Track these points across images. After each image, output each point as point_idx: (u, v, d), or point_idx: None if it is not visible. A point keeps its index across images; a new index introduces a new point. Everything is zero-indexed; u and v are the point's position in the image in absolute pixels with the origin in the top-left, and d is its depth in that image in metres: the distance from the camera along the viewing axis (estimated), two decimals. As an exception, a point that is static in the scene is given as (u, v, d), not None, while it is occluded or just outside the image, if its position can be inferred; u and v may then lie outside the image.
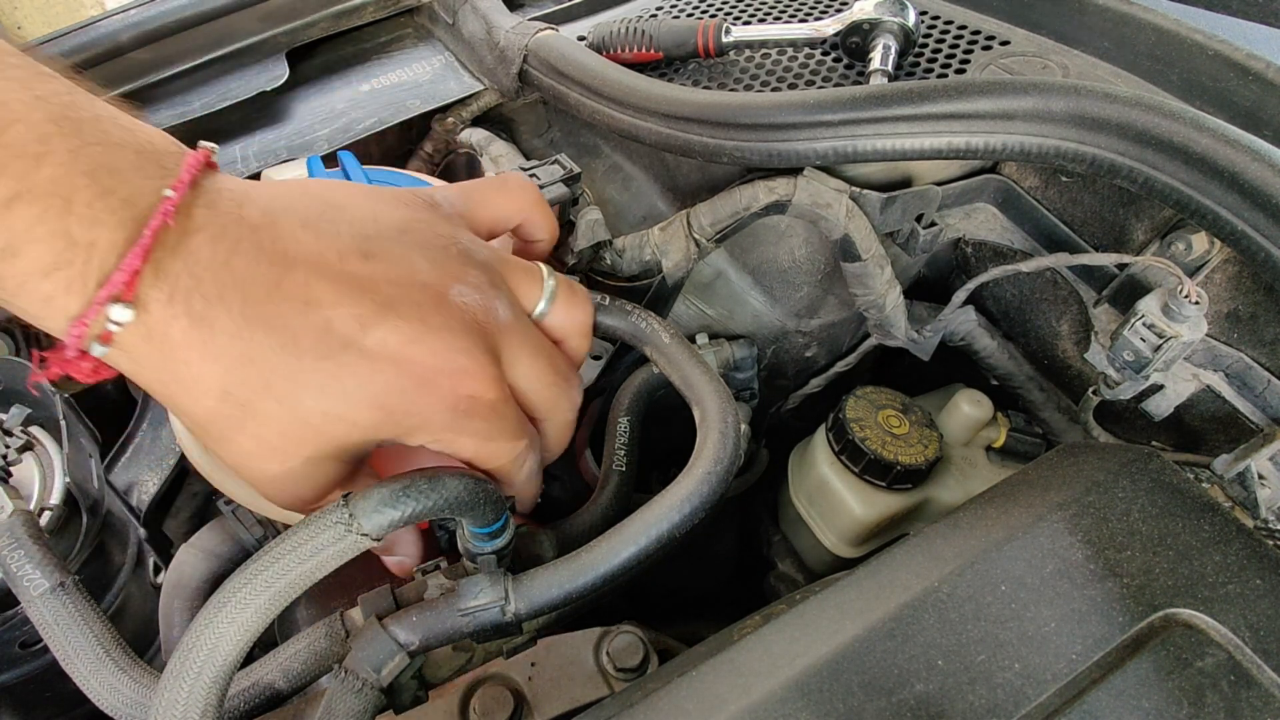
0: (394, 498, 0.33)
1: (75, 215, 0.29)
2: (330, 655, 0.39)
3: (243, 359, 0.32)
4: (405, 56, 0.81)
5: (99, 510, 0.59)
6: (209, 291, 0.31)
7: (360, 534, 0.33)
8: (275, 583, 0.32)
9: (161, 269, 0.30)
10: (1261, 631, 0.33)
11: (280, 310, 0.32)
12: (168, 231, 0.30)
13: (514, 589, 0.38)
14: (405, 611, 0.38)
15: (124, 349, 0.31)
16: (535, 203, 0.45)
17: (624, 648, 0.44)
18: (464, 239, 0.39)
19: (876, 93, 0.52)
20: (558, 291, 0.42)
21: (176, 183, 0.31)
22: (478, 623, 0.38)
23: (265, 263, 0.32)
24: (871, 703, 0.31)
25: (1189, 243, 0.51)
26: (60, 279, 0.29)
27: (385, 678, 0.36)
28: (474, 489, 0.35)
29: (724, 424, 0.43)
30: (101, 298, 0.29)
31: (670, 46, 0.65)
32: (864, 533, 0.61)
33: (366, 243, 0.35)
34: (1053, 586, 0.35)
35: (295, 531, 0.33)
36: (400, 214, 0.38)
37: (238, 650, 0.32)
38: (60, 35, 0.71)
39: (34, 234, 0.28)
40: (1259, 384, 0.51)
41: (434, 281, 0.36)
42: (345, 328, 0.33)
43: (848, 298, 0.63)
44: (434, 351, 0.35)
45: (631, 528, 0.39)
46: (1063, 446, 0.46)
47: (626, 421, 0.53)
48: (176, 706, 0.31)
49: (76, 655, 0.37)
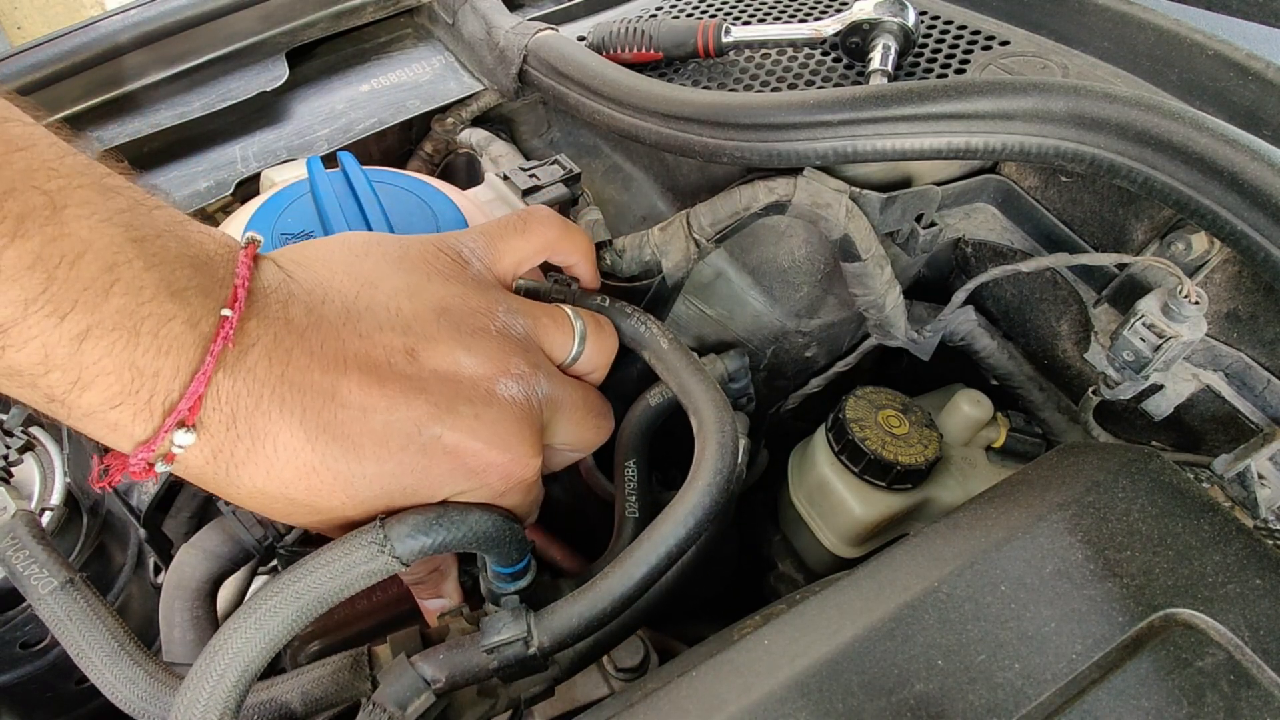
0: (427, 525, 0.34)
1: (141, 346, 0.29)
2: (351, 688, 0.39)
3: (307, 469, 0.33)
4: (405, 57, 0.81)
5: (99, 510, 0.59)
6: (269, 409, 0.32)
7: (392, 556, 0.34)
8: (305, 595, 0.33)
9: (222, 391, 0.31)
10: (1261, 631, 0.33)
11: (339, 419, 0.33)
12: (227, 352, 0.31)
13: (536, 623, 0.39)
14: (433, 649, 0.39)
15: (187, 466, 0.32)
16: (560, 236, 0.46)
17: (624, 648, 0.44)
18: (500, 310, 0.40)
19: (876, 93, 0.52)
20: (587, 333, 0.43)
21: (232, 299, 0.32)
22: (503, 659, 0.38)
23: (318, 370, 0.33)
24: (871, 703, 0.31)
25: (1189, 243, 0.51)
26: (127, 408, 0.30)
27: (411, 715, 0.37)
28: (501, 526, 0.37)
29: (722, 434, 0.43)
30: (168, 426, 0.30)
31: (670, 46, 0.65)
32: (864, 533, 0.61)
33: (409, 337, 0.36)
34: (1053, 586, 0.35)
35: (330, 548, 0.34)
36: (434, 289, 0.38)
37: (262, 657, 0.33)
38: (60, 35, 0.70)
39: (103, 367, 0.29)
40: (1259, 384, 0.51)
41: (482, 376, 0.37)
42: (403, 430, 0.35)
43: (848, 298, 0.63)
44: (487, 446, 0.36)
45: (641, 548, 0.40)
46: (1063, 446, 0.46)
47: (633, 465, 0.52)
48: (198, 705, 0.32)
49: (91, 649, 0.37)
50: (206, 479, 0.34)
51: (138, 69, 0.72)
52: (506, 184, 0.59)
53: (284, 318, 0.33)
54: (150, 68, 0.72)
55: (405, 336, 0.36)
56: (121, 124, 0.69)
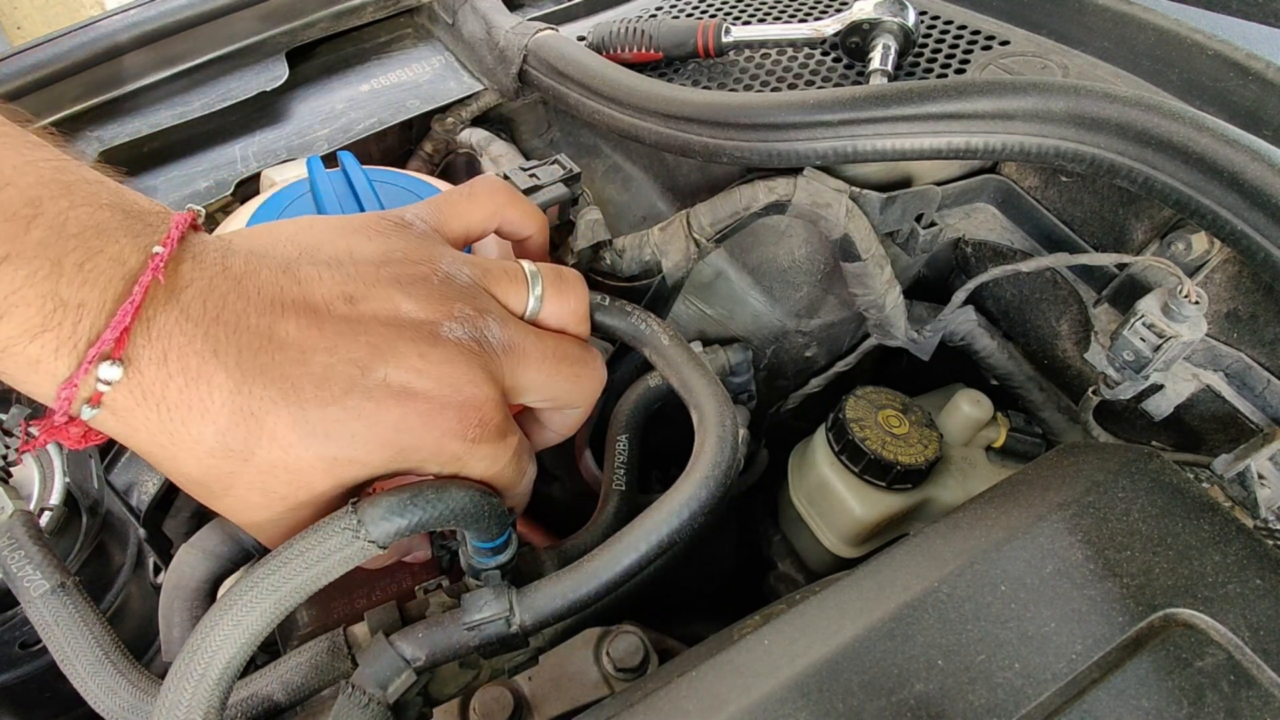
0: (402, 506, 0.33)
1: (65, 277, 0.28)
2: (331, 670, 0.39)
3: (243, 413, 0.32)
4: (405, 56, 0.81)
5: (99, 510, 0.59)
6: (203, 348, 0.31)
7: (368, 540, 0.33)
8: (281, 587, 0.32)
9: (154, 327, 0.30)
10: (1261, 631, 0.33)
11: (276, 360, 0.32)
12: (158, 288, 0.30)
13: (518, 601, 0.38)
14: (412, 628, 0.38)
15: (115, 411, 0.31)
16: (508, 202, 0.44)
17: (624, 648, 0.43)
18: (443, 261, 0.38)
19: (876, 93, 0.52)
20: (545, 286, 0.41)
21: (165, 239, 0.31)
22: (483, 636, 0.38)
23: (254, 313, 0.32)
24: (871, 703, 0.31)
25: (1189, 243, 0.51)
26: (49, 341, 0.28)
27: (392, 694, 0.36)
28: (479, 501, 0.36)
29: (722, 428, 0.43)
30: (91, 356, 0.29)
31: (670, 46, 0.65)
32: (864, 533, 0.61)
33: (348, 284, 0.35)
34: (1053, 586, 0.35)
35: (303, 537, 0.33)
36: (374, 245, 0.37)
37: (242, 654, 0.32)
38: (60, 35, 0.71)
39: (22, 296, 0.28)
40: (1259, 384, 0.51)
41: (424, 320, 0.36)
42: (345, 371, 0.33)
43: (848, 298, 0.63)
44: (437, 385, 0.35)
45: (632, 535, 0.40)
46: (1063, 446, 0.46)
47: (625, 440, 0.52)
48: (179, 708, 0.31)
49: (76, 657, 0.37)
50: (138, 431, 0.31)
51: (138, 69, 0.72)
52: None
53: (221, 265, 0.32)
54: (150, 68, 0.72)
55: (345, 284, 0.35)
56: (121, 124, 0.69)
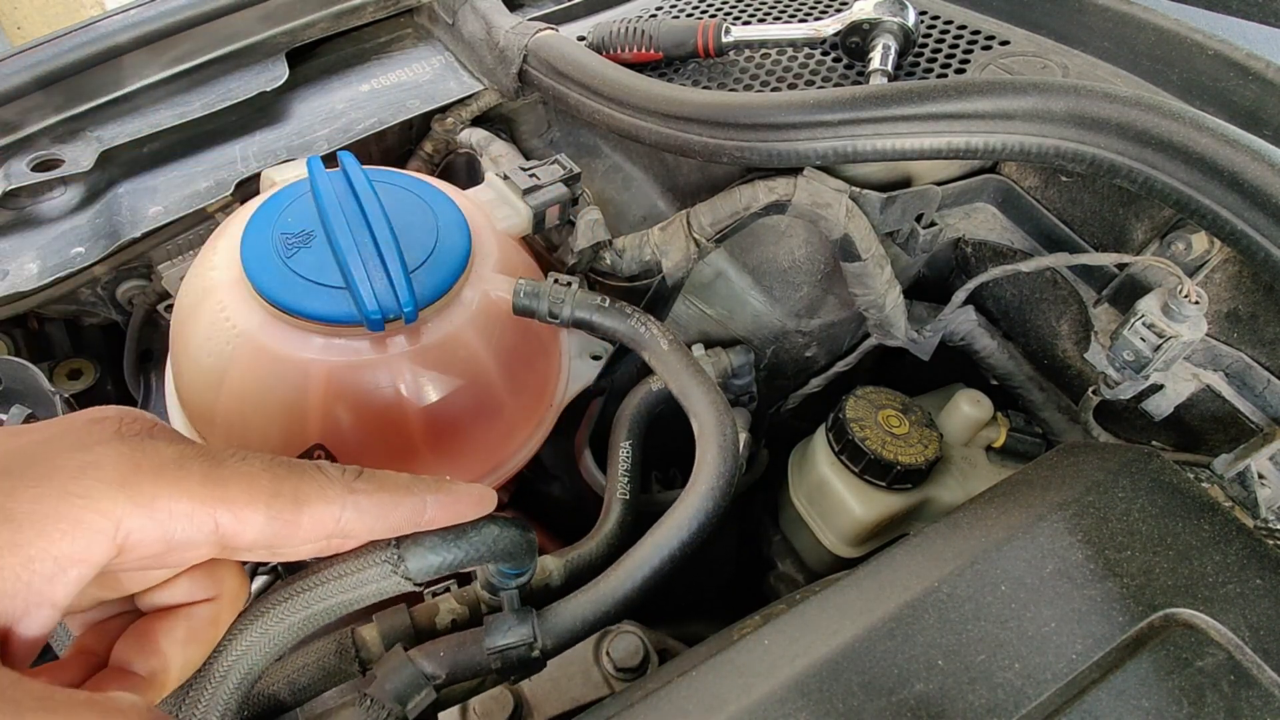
0: (445, 544, 0.33)
1: None
2: (338, 672, 0.39)
3: None
4: (405, 56, 0.81)
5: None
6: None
7: (404, 577, 0.33)
8: (313, 605, 0.33)
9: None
10: (1261, 631, 0.33)
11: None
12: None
13: (540, 626, 0.39)
14: (433, 644, 0.38)
15: None
16: None
17: (624, 648, 0.44)
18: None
19: (876, 93, 0.52)
20: None
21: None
22: (505, 660, 0.38)
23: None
24: (871, 703, 0.31)
25: (1189, 243, 0.51)
26: None
27: (412, 710, 0.36)
28: (518, 540, 0.36)
29: (722, 438, 0.43)
30: None
31: (670, 46, 0.65)
32: (864, 533, 0.61)
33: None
34: (1053, 586, 0.35)
35: (343, 560, 0.33)
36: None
37: (265, 659, 0.32)
38: (60, 35, 0.70)
39: None
40: (1259, 384, 0.51)
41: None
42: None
43: (848, 298, 0.63)
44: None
45: (643, 551, 0.40)
46: (1063, 446, 0.46)
47: (628, 446, 0.52)
48: (198, 705, 0.32)
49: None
50: None
51: (138, 69, 0.72)
52: (506, 184, 0.59)
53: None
54: (150, 68, 0.72)
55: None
56: (121, 124, 0.69)
